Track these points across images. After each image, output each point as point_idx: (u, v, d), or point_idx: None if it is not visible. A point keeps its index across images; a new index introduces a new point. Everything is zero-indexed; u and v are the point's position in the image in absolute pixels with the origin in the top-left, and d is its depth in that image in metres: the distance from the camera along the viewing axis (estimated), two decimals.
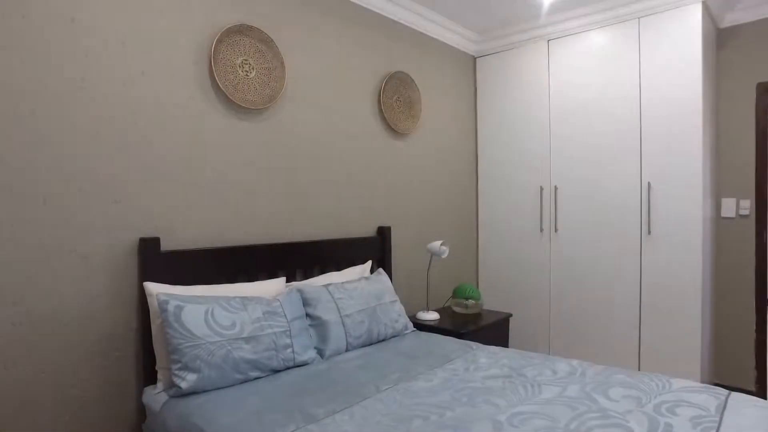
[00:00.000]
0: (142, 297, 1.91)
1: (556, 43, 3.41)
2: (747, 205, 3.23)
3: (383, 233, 2.97)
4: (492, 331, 3.03)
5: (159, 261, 1.94)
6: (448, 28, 3.49)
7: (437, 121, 3.50)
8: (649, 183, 3.03)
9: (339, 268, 2.68)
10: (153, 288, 1.86)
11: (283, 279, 2.33)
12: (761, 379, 3.18)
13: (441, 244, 2.98)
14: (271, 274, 2.37)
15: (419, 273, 3.31)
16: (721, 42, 3.31)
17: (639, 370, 3.07)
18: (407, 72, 3.21)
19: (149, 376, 1.92)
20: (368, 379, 1.87)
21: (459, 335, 2.74)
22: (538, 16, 3.36)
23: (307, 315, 2.19)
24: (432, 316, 3.01)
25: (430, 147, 3.44)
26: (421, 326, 2.90)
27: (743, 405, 1.58)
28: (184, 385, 1.68)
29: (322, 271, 2.62)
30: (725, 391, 1.71)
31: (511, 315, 3.22)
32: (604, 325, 3.23)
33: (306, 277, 2.53)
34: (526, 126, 3.57)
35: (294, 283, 2.35)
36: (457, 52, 3.70)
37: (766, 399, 3.13)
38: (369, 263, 2.80)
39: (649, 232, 3.04)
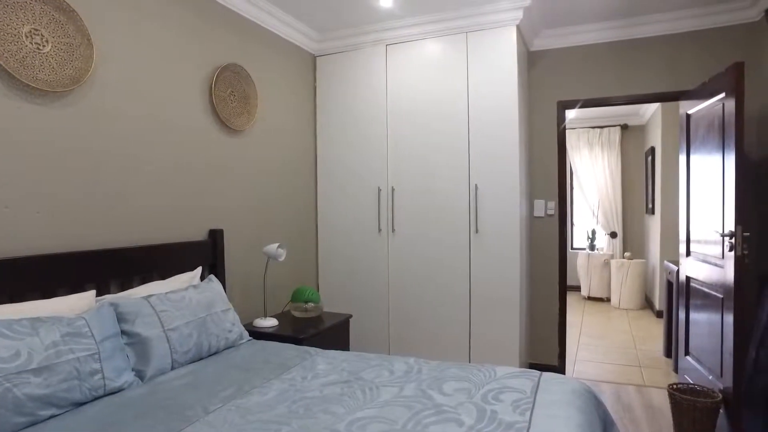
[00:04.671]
0: None
1: (394, 48, 3.51)
2: (553, 206, 3.72)
3: (215, 236, 2.73)
4: (333, 334, 2.99)
5: None
6: (288, 24, 3.37)
7: (275, 119, 3.36)
8: (476, 185, 3.28)
9: (164, 277, 2.39)
10: None
11: (92, 292, 1.98)
12: (562, 355, 3.73)
13: (278, 247, 2.86)
14: (77, 288, 2.00)
15: (256, 278, 3.13)
16: (532, 62, 3.76)
17: (470, 360, 3.32)
18: (243, 65, 3.01)
19: None
20: (195, 400, 1.67)
21: (298, 341, 2.64)
22: (377, 20, 3.43)
23: (124, 332, 1.90)
24: (270, 322, 2.86)
25: (267, 145, 3.28)
26: (258, 334, 2.73)
27: (550, 383, 1.81)
28: None
29: (144, 281, 2.31)
30: (538, 373, 1.92)
31: (351, 316, 3.22)
32: (440, 320, 3.42)
33: (123, 288, 2.20)
34: (365, 127, 3.62)
35: (107, 297, 2.02)
36: (297, 50, 3.60)
37: (565, 373, 3.66)
38: (199, 270, 2.55)
39: (477, 231, 3.29)
